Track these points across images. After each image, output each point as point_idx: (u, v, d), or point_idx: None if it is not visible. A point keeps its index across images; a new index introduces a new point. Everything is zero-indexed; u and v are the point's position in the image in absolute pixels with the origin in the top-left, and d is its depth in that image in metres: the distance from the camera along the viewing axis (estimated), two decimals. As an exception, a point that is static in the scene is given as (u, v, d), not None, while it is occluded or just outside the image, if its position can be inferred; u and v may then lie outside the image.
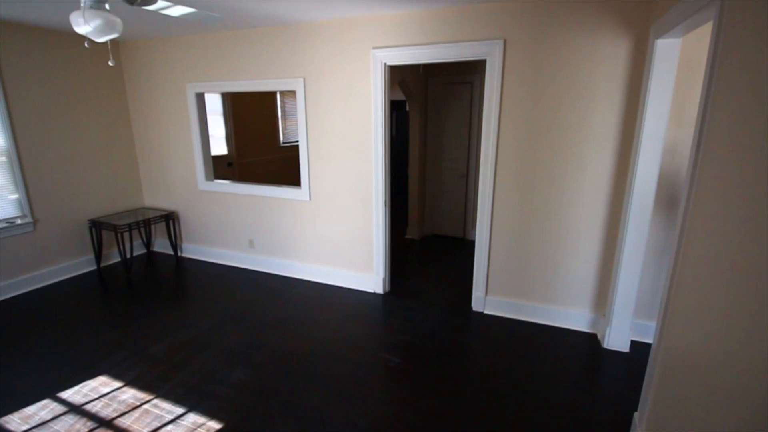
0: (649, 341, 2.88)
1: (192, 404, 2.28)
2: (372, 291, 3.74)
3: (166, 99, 4.27)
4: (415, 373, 2.57)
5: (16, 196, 3.61)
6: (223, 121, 5.60)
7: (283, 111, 6.90)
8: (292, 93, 6.96)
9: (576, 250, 2.97)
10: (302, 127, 3.71)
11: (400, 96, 6.78)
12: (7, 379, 2.51)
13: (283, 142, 6.97)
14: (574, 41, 2.66)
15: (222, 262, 4.48)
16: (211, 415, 2.20)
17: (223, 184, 4.29)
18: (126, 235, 4.16)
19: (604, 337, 2.87)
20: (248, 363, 2.66)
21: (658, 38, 2.24)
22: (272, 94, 6.51)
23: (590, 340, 2.96)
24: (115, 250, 4.43)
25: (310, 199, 3.84)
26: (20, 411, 2.24)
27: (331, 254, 3.89)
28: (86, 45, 2.13)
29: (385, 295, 3.68)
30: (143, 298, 3.64)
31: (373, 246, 3.65)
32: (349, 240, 3.76)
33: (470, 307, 3.42)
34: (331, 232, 3.82)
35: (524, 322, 3.21)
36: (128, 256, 4.04)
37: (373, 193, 3.52)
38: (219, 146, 5.57)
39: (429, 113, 5.17)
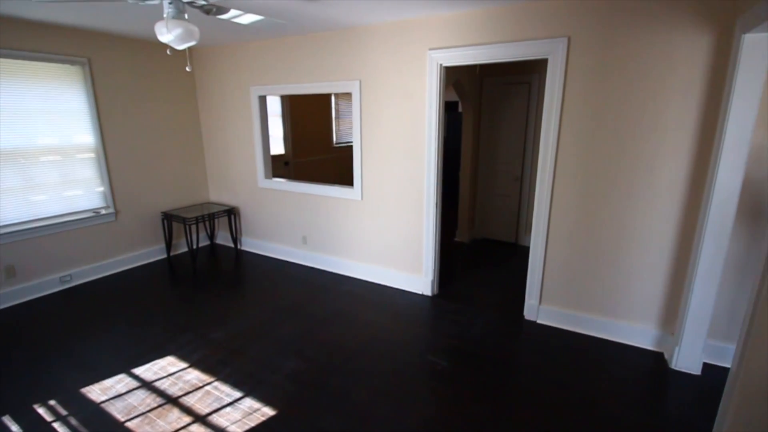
0: (725, 365, 2.62)
1: (248, 389, 2.42)
2: (420, 292, 3.73)
3: (232, 102, 4.55)
4: (463, 378, 2.54)
5: (101, 189, 4.03)
6: (281, 122, 5.87)
7: (337, 112, 7.09)
8: (347, 95, 7.18)
9: (642, 261, 2.77)
10: (356, 128, 3.79)
11: (452, 96, 6.71)
12: (89, 353, 2.81)
13: (336, 143, 7.16)
14: (645, 37, 2.48)
15: (277, 257, 4.69)
16: (265, 401, 2.32)
17: (280, 183, 4.50)
18: (193, 227, 4.50)
19: (672, 357, 2.65)
20: (300, 355, 2.77)
21: (745, 33, 2.04)
22: (327, 96, 6.71)
23: (655, 359, 2.75)
24: (183, 240, 4.80)
25: (361, 198, 3.91)
26: (100, 383, 2.50)
27: (380, 254, 3.93)
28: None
29: (433, 297, 3.66)
30: (206, 286, 3.91)
31: (422, 247, 3.64)
32: (398, 240, 3.78)
33: (522, 316, 3.31)
34: (381, 232, 3.87)
35: (581, 334, 3.04)
36: (194, 246, 4.36)
37: (425, 194, 3.52)
38: (277, 146, 5.84)
39: (483, 114, 5.06)
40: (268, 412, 2.24)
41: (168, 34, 2.15)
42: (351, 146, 7.26)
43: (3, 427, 2.14)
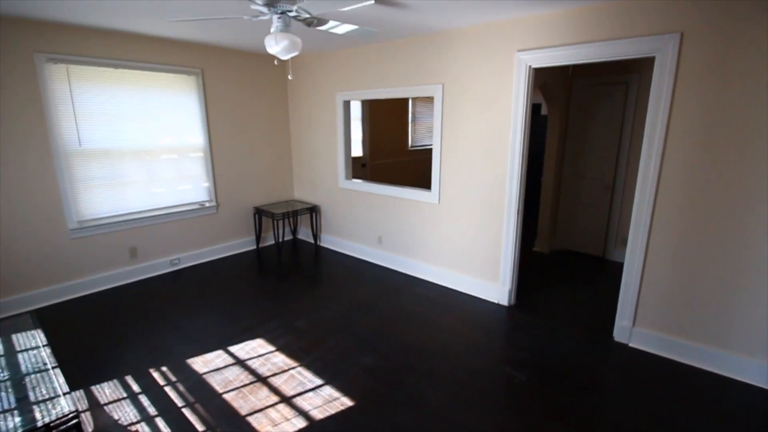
0: None
1: (328, 378, 2.56)
2: (495, 301, 3.63)
3: (319, 106, 4.83)
4: (542, 395, 2.42)
5: (207, 184, 4.53)
6: (360, 125, 6.09)
7: (413, 116, 7.16)
8: (424, 98, 7.22)
9: (762, 287, 2.41)
10: (437, 131, 3.80)
11: (534, 98, 6.40)
12: (193, 328, 3.17)
13: (412, 146, 7.23)
14: (785, 31, 2.16)
15: (353, 255, 4.88)
16: (344, 391, 2.43)
17: (359, 183, 4.67)
18: (280, 222, 4.86)
19: (801, 401, 2.27)
20: (375, 351, 2.86)
21: None
22: (404, 100, 6.81)
23: (778, 401, 2.37)
24: (270, 234, 5.20)
25: (438, 202, 3.92)
26: (202, 356, 2.81)
27: (455, 259, 3.90)
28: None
29: (510, 307, 3.54)
30: (289, 277, 4.20)
31: (500, 255, 3.54)
32: (475, 246, 3.72)
33: (611, 337, 3.06)
34: (457, 237, 3.84)
35: (682, 364, 2.73)
36: (280, 240, 4.71)
37: (506, 200, 3.42)
38: (356, 148, 6.06)
39: (571, 117, 4.77)
40: (347, 402, 2.34)
41: (276, 45, 2.37)
42: (426, 149, 7.36)
43: (126, 384, 2.51)
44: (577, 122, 4.74)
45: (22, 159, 3.28)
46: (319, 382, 2.52)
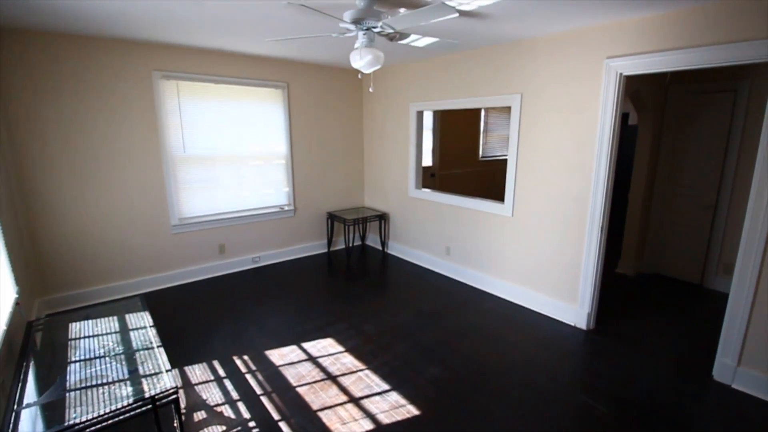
0: None
1: (394, 384, 2.59)
2: (572, 324, 3.41)
3: (392, 117, 4.95)
4: (624, 431, 2.22)
5: (287, 189, 4.85)
6: (431, 135, 6.11)
7: (485, 126, 7.02)
8: (497, 108, 7.06)
9: None
10: (513, 142, 3.70)
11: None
12: (271, 323, 3.40)
13: (482, 156, 7.09)
14: None
15: (420, 263, 4.89)
16: (410, 399, 2.45)
17: (429, 193, 4.69)
18: (350, 228, 5.04)
19: None
20: (442, 363, 2.84)
21: None
22: (477, 110, 6.71)
23: None
24: (341, 238, 5.42)
25: (512, 215, 3.79)
26: (278, 349, 3.00)
27: (528, 275, 3.74)
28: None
29: (589, 331, 3.30)
30: (358, 281, 4.33)
31: (580, 274, 3.33)
32: (551, 264, 3.53)
33: (709, 375, 2.71)
34: (532, 253, 3.68)
35: (803, 415, 2.34)
36: (350, 245, 4.88)
37: (588, 216, 3.21)
38: (425, 158, 6.10)
39: (665, 128, 4.36)
40: (413, 410, 2.35)
41: (360, 60, 2.50)
42: (498, 160, 7.16)
43: (213, 368, 2.76)
44: (673, 133, 4.31)
45: (139, 162, 3.80)
46: (386, 387, 2.56)
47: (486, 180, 7.06)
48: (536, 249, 3.64)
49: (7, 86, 3.12)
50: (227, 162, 4.34)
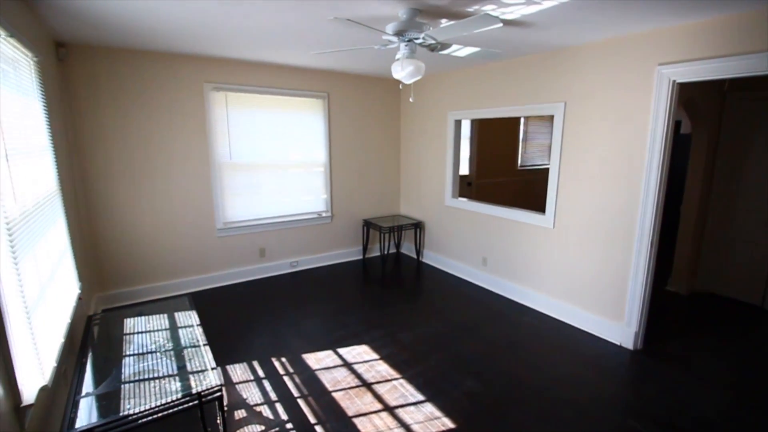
0: None
1: (429, 396, 2.56)
2: (617, 343, 3.24)
3: (430, 125, 4.96)
4: (679, 459, 2.08)
5: (325, 196, 4.97)
6: (468, 144, 6.05)
7: (525, 134, 6.87)
8: (538, 117, 6.89)
9: None
10: (555, 152, 3.60)
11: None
12: (308, 327, 3.47)
13: (521, 166, 6.93)
14: None
15: (455, 274, 4.83)
16: (445, 412, 2.41)
17: (465, 202, 4.64)
18: (386, 235, 5.07)
19: None
20: (478, 376, 2.78)
21: None
22: (515, 119, 6.58)
23: None
24: (376, 245, 5.46)
25: (553, 226, 3.68)
26: (314, 353, 3.06)
27: (570, 290, 3.60)
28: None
29: (636, 352, 3.12)
30: (393, 289, 4.34)
31: (626, 291, 3.17)
32: (595, 278, 3.39)
33: (775, 404, 2.49)
34: (574, 266, 3.54)
35: None
36: (385, 252, 4.90)
37: (637, 230, 3.06)
38: (462, 167, 6.04)
39: (723, 138, 4.08)
40: (448, 423, 2.32)
41: (402, 71, 2.53)
42: (538, 170, 6.97)
43: (253, 368, 2.85)
44: (731, 143, 4.04)
45: (190, 170, 4.03)
46: (420, 397, 2.54)
47: (525, 190, 6.89)
48: (579, 262, 3.50)
49: (77, 99, 3.42)
50: (269, 169, 4.51)
